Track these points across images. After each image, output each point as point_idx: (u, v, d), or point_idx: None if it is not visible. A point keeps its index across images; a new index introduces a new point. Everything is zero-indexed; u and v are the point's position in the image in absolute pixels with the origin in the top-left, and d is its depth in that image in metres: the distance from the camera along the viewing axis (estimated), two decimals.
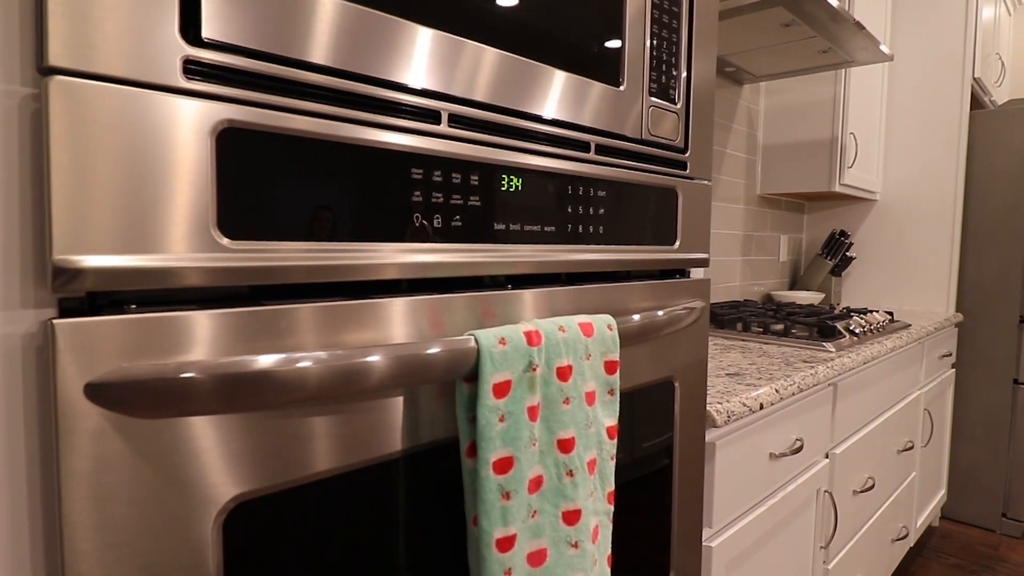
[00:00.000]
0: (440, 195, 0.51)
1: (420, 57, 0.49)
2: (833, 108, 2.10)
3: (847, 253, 2.42)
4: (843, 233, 2.41)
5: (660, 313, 0.68)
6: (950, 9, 2.24)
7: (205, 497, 0.39)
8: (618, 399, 0.59)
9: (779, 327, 1.54)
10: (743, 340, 1.51)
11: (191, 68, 0.38)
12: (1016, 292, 2.23)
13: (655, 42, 0.72)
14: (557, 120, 0.61)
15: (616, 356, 0.59)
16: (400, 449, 0.49)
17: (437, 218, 0.51)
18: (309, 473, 0.44)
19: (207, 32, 0.38)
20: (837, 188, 2.10)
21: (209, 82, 0.39)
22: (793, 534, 1.21)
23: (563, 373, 0.53)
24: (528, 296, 0.60)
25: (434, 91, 0.50)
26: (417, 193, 0.50)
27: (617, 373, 0.59)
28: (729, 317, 1.62)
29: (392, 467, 0.49)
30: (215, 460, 0.39)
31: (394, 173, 0.48)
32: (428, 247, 0.50)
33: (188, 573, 0.39)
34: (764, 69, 2.00)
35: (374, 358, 0.42)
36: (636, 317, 0.64)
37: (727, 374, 1.13)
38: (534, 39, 0.58)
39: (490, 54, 0.54)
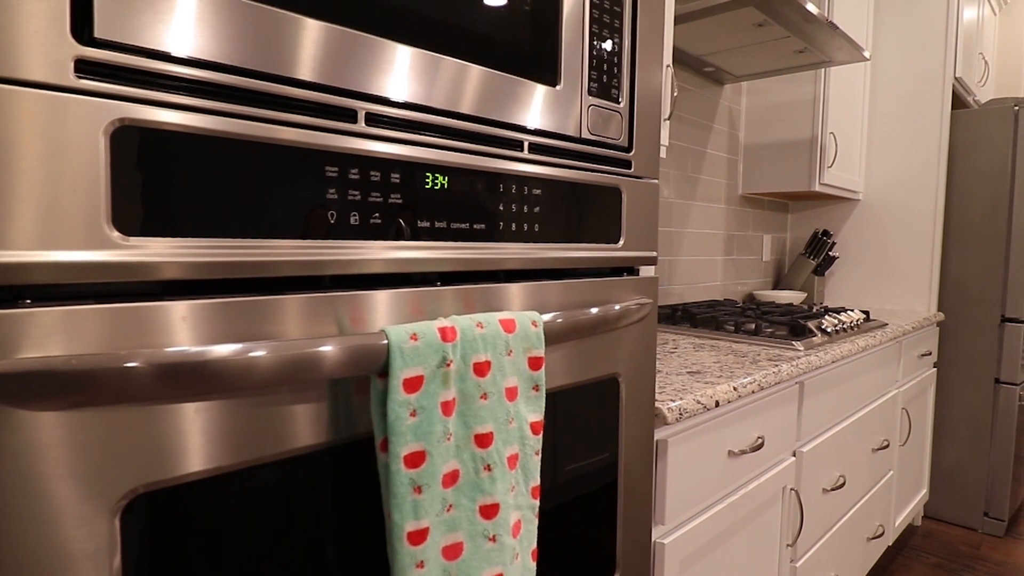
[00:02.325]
0: (357, 192, 0.52)
1: (334, 56, 0.50)
2: (813, 108, 2.11)
3: (830, 253, 2.43)
4: (826, 233, 2.41)
5: (595, 310, 0.69)
6: (931, 9, 2.25)
7: (102, 488, 0.40)
8: (544, 395, 0.60)
9: (751, 326, 1.54)
10: (714, 339, 1.52)
11: (83, 67, 0.39)
12: (997, 291, 2.23)
13: (595, 42, 0.73)
14: (485, 118, 0.62)
15: (541, 352, 0.59)
16: (312, 444, 0.50)
17: (354, 215, 0.52)
18: (215, 467, 0.45)
19: (100, 32, 0.39)
20: (817, 188, 2.10)
21: (103, 81, 0.39)
22: (757, 531, 1.21)
23: (480, 369, 0.53)
24: (460, 293, 0.61)
25: (349, 89, 0.51)
26: (332, 191, 0.50)
27: (542, 369, 0.59)
28: (703, 316, 1.63)
29: (307, 462, 0.50)
30: (114, 452, 0.40)
31: (306, 170, 0.49)
32: (339, 244, 0.51)
33: (86, 563, 0.40)
34: (743, 69, 2.01)
35: (273, 353, 0.43)
36: (565, 314, 0.65)
37: (688, 372, 1.13)
38: (463, 39, 0.59)
39: (412, 54, 0.55)
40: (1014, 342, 2.21)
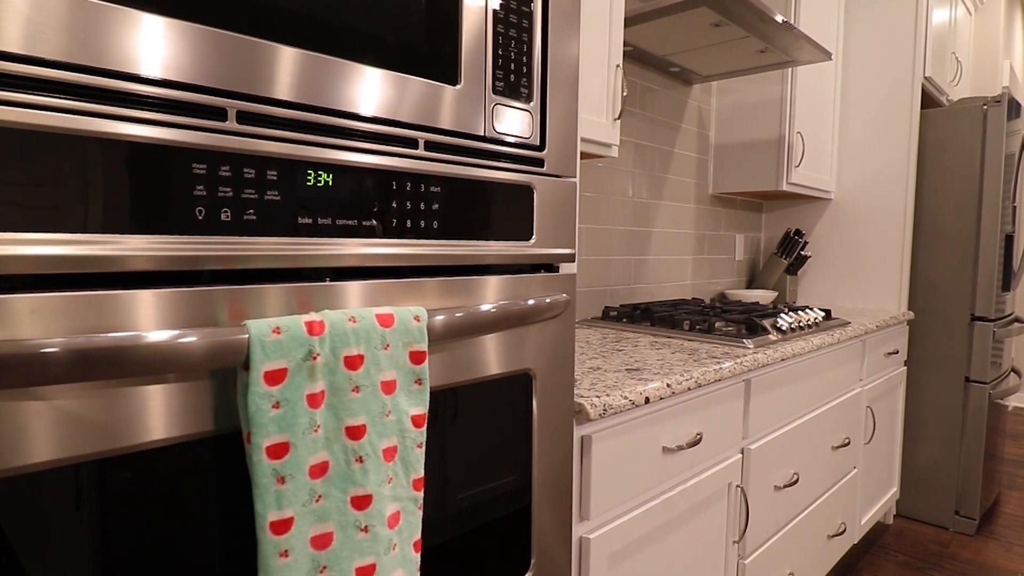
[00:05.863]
0: (229, 189, 0.53)
1: (202, 54, 0.51)
2: (780, 108, 2.12)
3: (802, 252, 2.43)
4: (798, 232, 2.42)
5: (492, 306, 0.70)
6: (901, 9, 2.26)
7: None
8: (427, 389, 0.61)
9: (705, 324, 1.55)
10: (669, 337, 1.52)
11: None
12: (967, 290, 2.23)
13: (500, 41, 0.74)
14: (374, 117, 0.63)
15: (423, 347, 0.60)
16: (182, 435, 0.51)
17: (225, 212, 0.53)
18: (64, 457, 0.45)
19: None
20: (784, 187, 2.11)
21: None
22: (701, 528, 1.22)
23: (352, 362, 0.54)
24: (350, 288, 0.62)
25: (220, 88, 0.52)
26: (200, 187, 0.51)
27: (425, 363, 0.60)
28: (661, 314, 1.64)
29: (179, 452, 0.51)
30: None
31: (172, 168, 0.50)
32: (213, 240, 0.52)
33: None
34: (708, 69, 2.02)
35: (113, 344, 0.44)
36: (456, 308, 0.66)
37: (627, 369, 1.14)
38: (355, 38, 0.60)
39: (291, 53, 0.56)
40: (983, 341, 2.21)
